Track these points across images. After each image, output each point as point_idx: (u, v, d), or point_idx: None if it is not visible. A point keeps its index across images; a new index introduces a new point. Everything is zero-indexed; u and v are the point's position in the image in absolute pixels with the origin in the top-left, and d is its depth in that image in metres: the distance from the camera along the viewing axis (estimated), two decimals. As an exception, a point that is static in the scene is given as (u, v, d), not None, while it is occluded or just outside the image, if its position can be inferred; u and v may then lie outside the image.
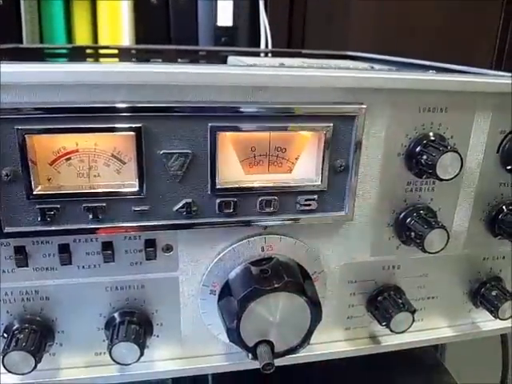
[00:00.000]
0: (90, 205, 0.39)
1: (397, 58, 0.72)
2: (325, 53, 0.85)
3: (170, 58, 0.80)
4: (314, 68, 0.41)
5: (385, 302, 0.48)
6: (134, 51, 0.83)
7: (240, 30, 0.95)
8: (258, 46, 0.97)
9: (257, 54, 0.88)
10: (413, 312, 0.47)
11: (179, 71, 0.37)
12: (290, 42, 1.02)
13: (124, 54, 0.81)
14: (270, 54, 0.90)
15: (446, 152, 0.41)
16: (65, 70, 0.35)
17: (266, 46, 0.97)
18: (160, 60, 0.80)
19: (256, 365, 0.41)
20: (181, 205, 0.40)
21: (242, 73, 0.38)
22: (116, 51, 0.81)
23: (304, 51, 0.88)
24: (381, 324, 0.48)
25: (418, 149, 0.43)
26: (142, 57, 0.82)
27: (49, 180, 0.38)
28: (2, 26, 0.87)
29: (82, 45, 0.90)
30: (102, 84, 0.36)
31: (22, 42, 0.89)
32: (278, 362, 0.42)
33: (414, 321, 0.48)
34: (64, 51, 0.82)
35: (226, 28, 0.94)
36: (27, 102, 0.35)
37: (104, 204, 0.39)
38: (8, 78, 0.34)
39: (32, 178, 0.37)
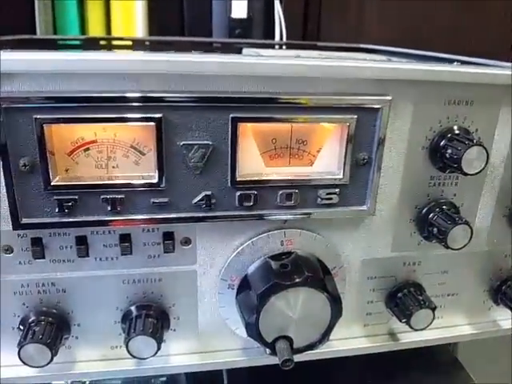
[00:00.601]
0: (108, 196, 0.38)
1: (414, 51, 0.70)
2: (340, 45, 0.84)
3: (183, 49, 0.79)
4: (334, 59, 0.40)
5: (405, 298, 0.47)
6: (147, 43, 0.83)
7: (254, 22, 0.93)
8: (273, 38, 0.96)
9: (271, 47, 0.87)
10: (433, 309, 0.46)
11: (202, 60, 0.36)
12: (304, 35, 1.01)
13: (138, 46, 0.80)
14: (284, 47, 0.90)
15: (472, 146, 0.40)
16: (84, 58, 0.35)
17: (281, 38, 0.95)
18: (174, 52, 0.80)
19: (274, 360, 0.41)
20: (200, 197, 0.39)
21: (264, 62, 0.37)
22: (130, 43, 0.81)
23: (319, 44, 0.87)
24: (401, 321, 0.47)
25: (442, 142, 0.42)
26: (156, 48, 0.81)
27: (67, 171, 0.38)
28: (15, 17, 0.87)
29: (96, 36, 0.89)
30: (122, 73, 0.35)
31: (35, 34, 0.88)
32: (297, 358, 0.41)
33: (434, 318, 0.47)
34: (77, 42, 0.82)
35: (241, 20, 0.92)
36: (45, 91, 0.35)
37: (122, 196, 0.38)
38: (27, 66, 0.34)
39: (50, 169, 0.36)
